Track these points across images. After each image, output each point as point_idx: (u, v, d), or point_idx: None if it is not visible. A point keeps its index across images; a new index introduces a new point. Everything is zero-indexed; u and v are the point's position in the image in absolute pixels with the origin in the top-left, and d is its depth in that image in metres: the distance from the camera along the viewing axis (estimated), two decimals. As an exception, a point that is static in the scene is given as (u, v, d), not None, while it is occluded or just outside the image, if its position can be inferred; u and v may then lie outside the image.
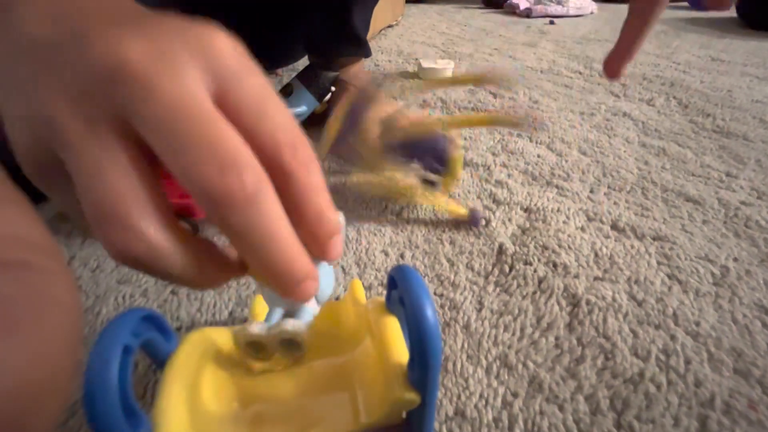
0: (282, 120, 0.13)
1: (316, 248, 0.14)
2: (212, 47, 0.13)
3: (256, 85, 0.13)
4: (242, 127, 0.13)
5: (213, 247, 0.14)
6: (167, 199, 0.13)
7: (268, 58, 0.66)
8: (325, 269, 0.16)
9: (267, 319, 0.16)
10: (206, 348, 0.15)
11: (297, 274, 0.13)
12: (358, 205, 0.43)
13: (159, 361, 0.15)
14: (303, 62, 0.81)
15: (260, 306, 0.25)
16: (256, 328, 0.15)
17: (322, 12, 0.56)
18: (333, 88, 0.55)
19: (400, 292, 0.13)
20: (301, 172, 0.13)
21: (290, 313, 0.16)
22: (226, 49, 0.13)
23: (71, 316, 0.13)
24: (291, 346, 0.15)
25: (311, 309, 0.16)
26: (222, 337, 0.17)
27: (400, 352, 0.14)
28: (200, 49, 0.13)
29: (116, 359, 0.12)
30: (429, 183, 0.42)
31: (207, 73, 0.13)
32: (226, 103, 0.13)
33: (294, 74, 0.54)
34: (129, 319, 0.14)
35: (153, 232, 0.12)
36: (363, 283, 0.34)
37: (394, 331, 0.15)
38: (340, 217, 0.15)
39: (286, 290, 0.13)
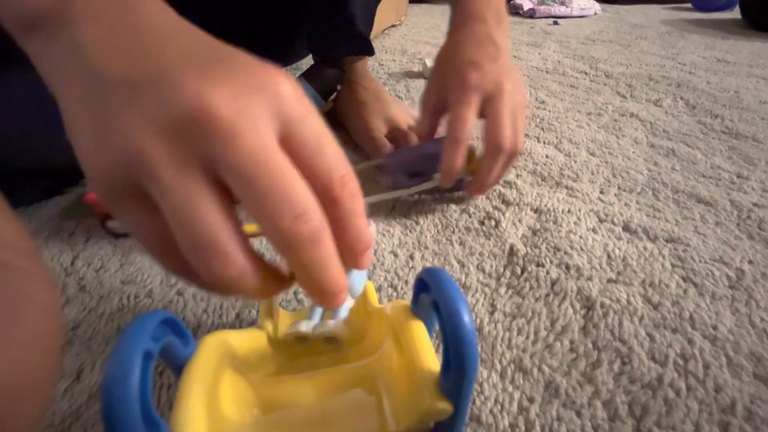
0: (335, 157, 0.15)
1: (352, 260, 0.16)
2: (279, 93, 0.15)
3: (315, 126, 0.15)
4: (301, 162, 0.14)
5: (271, 264, 0.16)
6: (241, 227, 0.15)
7: (273, 56, 0.66)
8: (358, 272, 0.18)
9: (310, 316, 0.19)
10: (224, 352, 0.15)
11: (336, 289, 0.15)
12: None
13: (176, 366, 0.14)
14: (307, 61, 0.80)
15: (267, 307, 0.25)
16: (304, 326, 0.17)
17: (325, 10, 0.55)
18: (339, 87, 0.55)
19: (433, 296, 0.13)
20: (347, 201, 0.15)
21: (327, 311, 0.19)
22: (291, 94, 0.15)
23: (49, 316, 0.13)
24: (332, 340, 0.17)
25: (348, 305, 0.19)
26: (239, 341, 0.16)
27: (430, 358, 0.14)
28: (270, 95, 0.14)
29: (137, 366, 0.12)
30: (456, 186, 0.41)
31: (276, 119, 0.14)
32: (288, 142, 0.15)
33: (298, 72, 0.54)
34: (149, 323, 0.13)
35: (242, 258, 0.14)
36: (373, 285, 0.34)
37: (422, 337, 0.14)
38: (372, 229, 0.17)
39: (324, 302, 0.16)
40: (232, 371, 0.14)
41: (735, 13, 1.38)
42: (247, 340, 0.16)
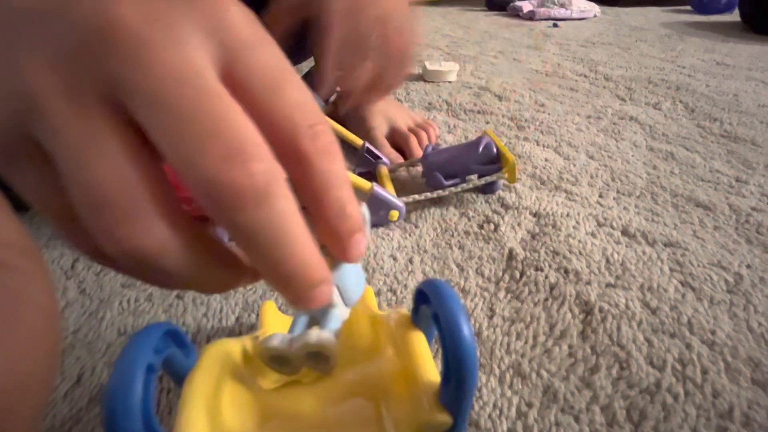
0: (299, 97, 0.11)
1: (337, 247, 0.12)
2: (219, 13, 0.11)
3: (270, 57, 0.11)
4: (252, 107, 0.11)
5: (223, 247, 0.12)
6: (173, 188, 0.11)
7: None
8: (353, 269, 0.15)
9: (291, 329, 0.15)
10: (225, 362, 0.15)
11: (309, 279, 0.11)
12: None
13: (178, 376, 0.15)
14: (307, 64, 0.80)
15: (270, 312, 0.25)
16: (277, 341, 0.14)
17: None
18: (338, 89, 0.55)
19: (434, 308, 0.13)
20: (321, 160, 0.11)
21: (315, 320, 0.14)
22: (237, 16, 0.11)
23: (48, 317, 0.12)
24: (319, 359, 0.13)
25: (339, 315, 0.14)
26: (240, 349, 0.16)
27: (430, 369, 0.14)
28: (205, 13, 0.11)
29: (140, 380, 0.12)
30: (489, 186, 0.43)
31: (212, 42, 0.11)
32: (234, 79, 0.11)
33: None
34: (152, 336, 0.13)
35: (162, 225, 0.10)
36: (372, 289, 0.34)
37: (422, 348, 0.14)
38: (363, 210, 0.13)
39: (296, 297, 0.12)
40: (233, 381, 0.15)
41: (734, 16, 1.38)
42: (248, 348, 0.16)
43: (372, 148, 0.47)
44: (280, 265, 0.11)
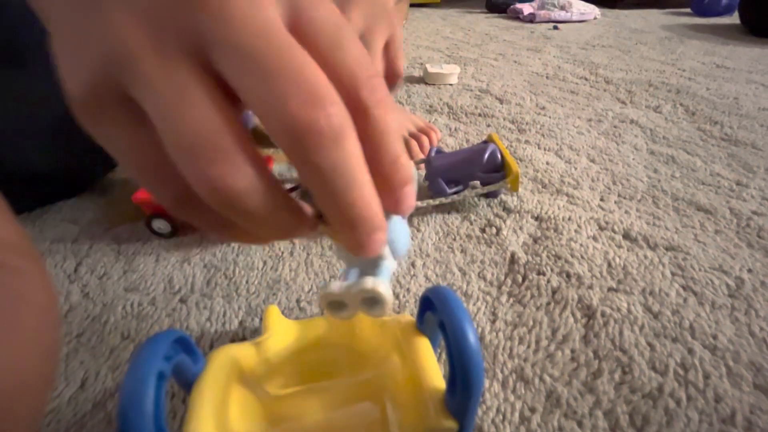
0: (358, 53, 0.12)
1: (390, 197, 0.13)
2: None
3: (331, 14, 0.12)
4: (317, 59, 0.12)
5: (290, 195, 0.13)
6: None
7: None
8: (401, 223, 0.15)
9: (345, 278, 0.15)
10: (232, 368, 0.15)
11: (372, 222, 0.12)
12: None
13: (186, 383, 0.15)
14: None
15: (273, 316, 0.25)
16: (336, 286, 0.14)
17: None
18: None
19: (439, 315, 0.13)
20: (380, 111, 0.12)
21: (365, 272, 0.15)
22: None
23: (47, 318, 0.12)
24: (374, 304, 0.14)
25: (389, 265, 0.15)
26: (246, 355, 0.16)
27: (436, 376, 0.14)
28: None
29: (152, 388, 0.12)
30: (492, 194, 0.44)
31: (282, 1, 0.12)
32: (299, 33, 0.12)
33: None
34: (162, 343, 0.13)
35: (249, 167, 0.11)
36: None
37: (427, 354, 0.15)
38: (412, 167, 0.14)
39: (359, 240, 0.12)
40: (240, 386, 0.15)
41: (734, 19, 1.39)
42: (254, 353, 0.16)
43: None
44: (350, 207, 0.12)
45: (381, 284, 0.14)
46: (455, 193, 0.42)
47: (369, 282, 0.14)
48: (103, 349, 0.29)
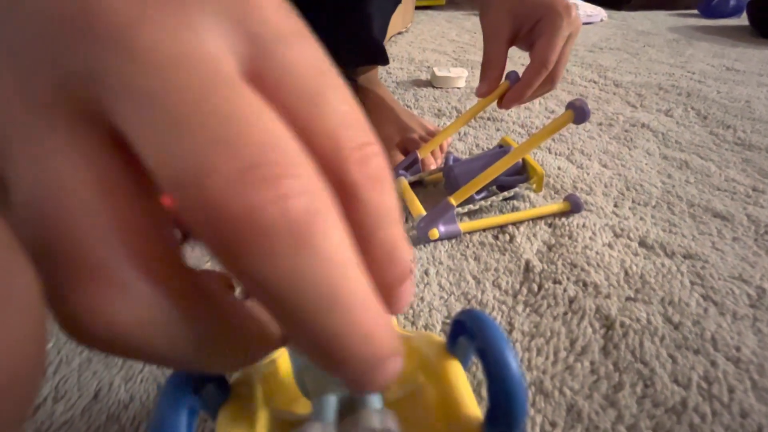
0: (345, 109, 0.09)
1: (382, 297, 0.09)
2: None
3: (309, 55, 0.09)
4: (287, 117, 0.08)
5: (238, 306, 0.09)
6: (168, 222, 0.08)
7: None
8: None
9: (317, 412, 0.12)
10: (257, 393, 0.14)
11: (376, 353, 0.08)
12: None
13: (213, 411, 0.14)
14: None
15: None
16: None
17: (341, 20, 0.55)
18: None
19: (478, 343, 0.12)
20: (370, 190, 0.09)
21: (347, 398, 0.12)
22: (268, 1, 0.09)
23: (34, 316, 0.11)
24: None
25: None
26: (267, 376, 0.16)
27: (471, 405, 0.13)
28: None
29: (184, 427, 0.11)
30: (512, 197, 0.44)
31: (235, 31, 0.08)
32: (262, 80, 0.08)
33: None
34: (190, 376, 0.13)
35: (147, 287, 0.07)
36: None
37: (462, 381, 0.14)
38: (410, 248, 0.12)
39: (360, 378, 0.08)
40: (266, 412, 0.14)
41: (742, 20, 1.38)
42: (274, 373, 0.16)
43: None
44: (331, 335, 0.08)
45: (391, 421, 0.10)
46: (483, 199, 0.42)
47: (375, 421, 0.10)
48: (116, 359, 0.29)
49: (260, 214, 0.07)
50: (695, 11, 1.60)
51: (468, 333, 0.13)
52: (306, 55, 0.09)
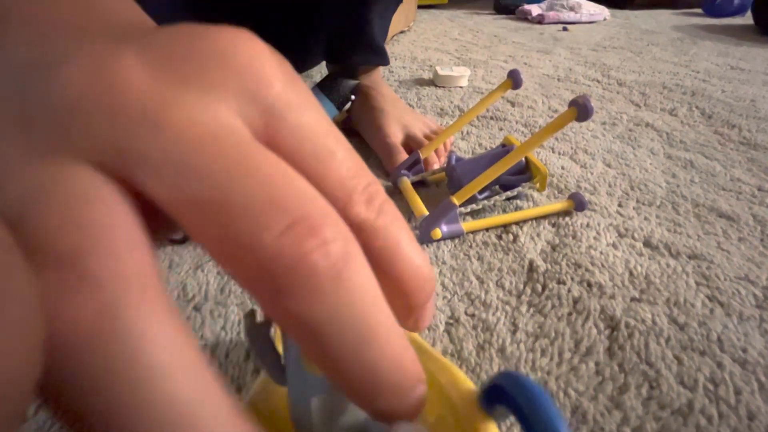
0: (351, 162, 0.10)
1: (407, 317, 0.10)
2: (254, 68, 0.09)
3: (316, 120, 0.10)
4: (302, 173, 0.09)
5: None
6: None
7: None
8: None
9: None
10: (272, 411, 0.14)
11: (406, 381, 0.09)
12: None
13: None
14: (316, 69, 0.80)
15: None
16: None
17: (342, 20, 0.55)
18: (353, 97, 0.54)
19: (525, 414, 0.11)
20: (385, 219, 0.10)
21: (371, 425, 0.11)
22: (275, 71, 0.09)
23: (31, 311, 0.11)
24: None
25: None
26: (280, 398, 0.15)
27: None
28: (239, 70, 0.09)
29: None
30: (516, 196, 0.43)
31: (249, 105, 0.09)
32: (280, 144, 0.09)
33: (310, 81, 0.53)
34: None
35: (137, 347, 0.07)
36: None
37: None
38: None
39: (393, 406, 0.09)
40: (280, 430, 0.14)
41: (746, 19, 1.37)
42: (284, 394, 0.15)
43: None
44: (370, 368, 0.08)
45: (424, 430, 0.10)
46: (486, 198, 0.41)
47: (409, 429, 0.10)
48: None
49: (309, 259, 0.08)
50: (699, 10, 1.60)
51: (509, 403, 0.11)
52: (314, 120, 0.10)
